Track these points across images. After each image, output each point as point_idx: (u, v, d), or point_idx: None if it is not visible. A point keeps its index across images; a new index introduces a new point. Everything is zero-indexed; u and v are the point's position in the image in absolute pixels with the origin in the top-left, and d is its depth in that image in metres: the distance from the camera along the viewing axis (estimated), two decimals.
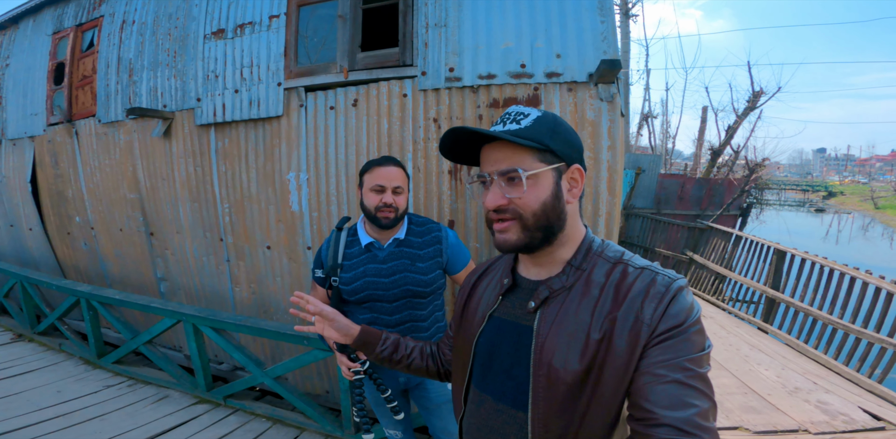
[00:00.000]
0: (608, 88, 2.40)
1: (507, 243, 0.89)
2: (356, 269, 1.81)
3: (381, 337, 1.22)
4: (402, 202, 1.79)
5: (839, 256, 5.73)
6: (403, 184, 1.80)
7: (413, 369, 1.24)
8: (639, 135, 22.17)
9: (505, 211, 0.88)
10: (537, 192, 0.86)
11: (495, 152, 0.89)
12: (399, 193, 1.78)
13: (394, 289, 1.79)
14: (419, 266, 1.82)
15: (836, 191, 51.53)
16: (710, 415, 0.74)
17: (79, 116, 4.59)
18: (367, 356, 1.24)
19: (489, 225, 0.93)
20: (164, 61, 3.83)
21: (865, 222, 31.02)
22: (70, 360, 4.16)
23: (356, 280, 1.79)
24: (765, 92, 13.28)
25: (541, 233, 0.88)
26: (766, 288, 5.99)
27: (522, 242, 0.88)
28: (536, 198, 0.86)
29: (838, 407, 3.47)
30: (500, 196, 0.87)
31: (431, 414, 2.00)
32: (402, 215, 1.80)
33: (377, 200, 1.74)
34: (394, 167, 1.79)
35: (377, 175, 1.76)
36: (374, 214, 1.74)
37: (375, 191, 1.75)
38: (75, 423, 3.10)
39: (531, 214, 0.87)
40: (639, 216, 10.73)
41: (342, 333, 1.20)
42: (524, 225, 0.87)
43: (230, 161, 3.54)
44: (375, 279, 1.79)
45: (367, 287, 1.79)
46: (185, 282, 4.11)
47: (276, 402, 3.42)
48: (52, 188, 5.09)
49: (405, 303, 1.82)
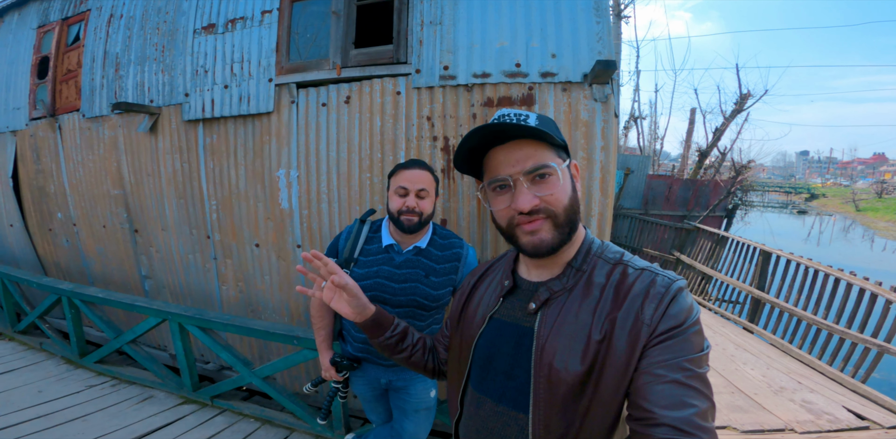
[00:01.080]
0: (602, 89, 2.40)
1: (545, 243, 0.86)
2: (370, 268, 1.79)
3: (393, 324, 1.14)
4: (426, 206, 1.75)
5: (821, 257, 5.82)
6: (429, 187, 1.75)
7: (412, 362, 1.20)
8: (626, 136, 22.35)
9: (538, 211, 0.85)
10: (564, 188, 0.87)
11: (515, 152, 0.87)
12: (423, 197, 1.74)
13: (401, 296, 1.76)
14: (432, 280, 1.79)
15: (819, 193, 52.47)
16: (709, 415, 0.74)
17: (62, 111, 4.49)
18: (372, 339, 1.14)
19: (512, 230, 0.89)
20: (151, 56, 3.76)
21: (847, 224, 31.61)
22: (51, 360, 4.07)
23: (368, 278, 1.77)
24: (752, 94, 13.49)
25: (568, 228, 0.87)
26: (752, 288, 6.07)
27: (558, 240, 0.86)
28: (565, 194, 0.87)
29: (823, 406, 3.52)
30: (532, 196, 0.85)
31: (407, 417, 1.97)
32: (426, 220, 1.76)
33: (400, 203, 1.71)
34: (419, 170, 1.75)
35: (402, 177, 1.73)
36: (398, 217, 1.72)
37: (399, 194, 1.73)
38: (57, 424, 3.03)
39: (563, 210, 0.86)
40: (627, 216, 10.83)
41: (356, 311, 1.06)
42: (556, 222, 0.86)
43: (218, 157, 3.48)
44: (386, 282, 1.76)
45: (375, 288, 1.76)
46: (170, 280, 4.04)
47: (264, 403, 3.38)
48: (33, 183, 4.97)
49: (408, 311, 1.79)
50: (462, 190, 2.72)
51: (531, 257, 0.90)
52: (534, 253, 0.87)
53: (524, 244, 0.88)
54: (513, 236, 0.89)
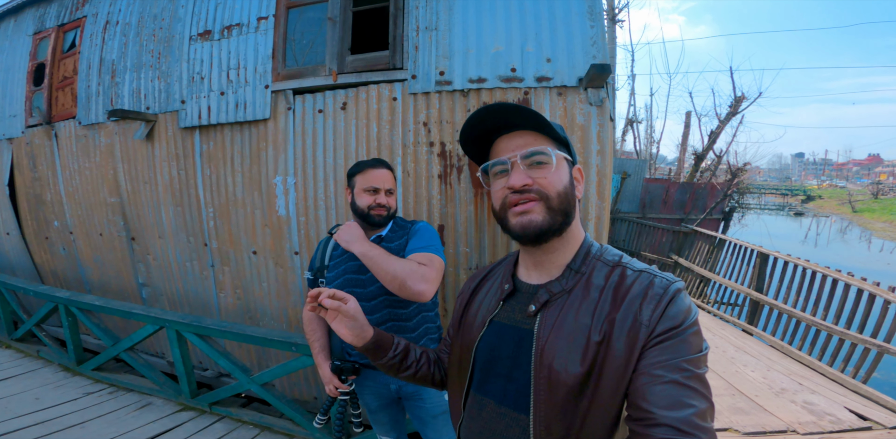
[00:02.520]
0: (598, 93, 2.42)
1: (533, 223, 0.87)
2: (338, 268, 1.88)
3: (394, 343, 1.13)
4: (393, 202, 1.88)
5: (818, 259, 5.83)
6: (393, 186, 1.90)
7: (419, 378, 1.18)
8: (622, 140, 22.44)
9: (529, 191, 0.88)
10: (560, 175, 0.90)
11: (517, 139, 0.92)
12: (390, 195, 1.87)
13: (370, 285, 1.80)
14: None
15: (815, 195, 52.69)
16: (708, 416, 0.75)
17: (58, 118, 4.49)
18: (374, 361, 1.12)
19: (504, 212, 0.91)
20: (147, 63, 3.76)
21: (843, 225, 31.70)
22: (49, 367, 4.05)
23: (337, 278, 1.86)
24: (746, 97, 13.59)
25: (561, 217, 0.89)
26: (750, 290, 6.08)
27: (548, 223, 0.87)
28: (560, 180, 0.90)
29: (824, 407, 3.52)
30: (525, 176, 0.88)
31: (426, 425, 1.97)
32: (393, 213, 1.88)
33: (371, 200, 1.82)
34: (385, 170, 1.88)
35: (371, 177, 1.83)
36: (368, 213, 1.82)
37: (368, 192, 1.82)
38: (54, 431, 3.01)
39: (556, 194, 0.88)
40: (624, 220, 10.85)
41: (355, 334, 1.04)
42: (549, 205, 0.88)
43: (215, 164, 3.48)
44: (354, 275, 1.84)
45: (346, 284, 1.83)
46: (167, 287, 4.02)
47: (263, 409, 3.36)
48: (29, 191, 4.96)
49: (383, 300, 1.81)
50: (459, 195, 2.72)
51: (520, 241, 0.92)
52: (522, 234, 0.88)
53: (514, 225, 0.89)
54: (504, 219, 0.92)
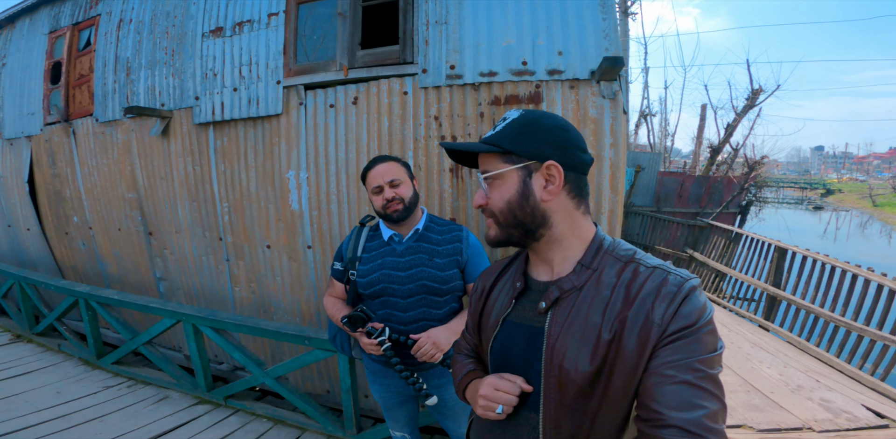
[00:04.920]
0: (610, 86, 2.38)
1: (488, 237, 0.97)
2: (374, 261, 1.84)
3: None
4: (403, 192, 1.81)
5: (838, 253, 5.71)
6: (398, 175, 1.81)
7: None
8: (636, 133, 22.17)
9: (484, 210, 0.96)
10: (501, 192, 0.92)
11: (480, 157, 0.98)
12: (397, 185, 1.80)
13: (409, 283, 1.79)
14: (437, 261, 1.82)
15: (835, 188, 51.58)
16: (720, 417, 0.74)
17: (76, 116, 4.56)
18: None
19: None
20: (161, 60, 3.80)
21: (863, 220, 31.05)
22: (69, 361, 4.14)
23: (373, 272, 1.82)
24: (763, 90, 13.29)
25: (516, 230, 0.93)
26: (767, 285, 5.98)
27: (499, 237, 0.95)
28: (501, 198, 0.92)
29: (841, 404, 3.46)
30: (482, 196, 0.95)
31: (447, 418, 1.99)
32: (411, 203, 1.82)
33: (381, 200, 1.80)
34: (382, 164, 1.83)
35: (371, 177, 1.83)
36: (386, 213, 1.80)
37: (375, 193, 1.81)
38: (75, 424, 3.08)
39: (499, 212, 0.93)
40: (639, 214, 10.73)
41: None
42: (497, 222, 0.94)
43: (229, 160, 3.51)
44: (392, 272, 1.80)
45: (382, 280, 1.80)
46: (184, 281, 4.09)
47: (277, 403, 3.40)
48: (49, 188, 5.05)
49: (420, 299, 1.80)
50: (470, 188, 2.71)
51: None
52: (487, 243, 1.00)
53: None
54: None
